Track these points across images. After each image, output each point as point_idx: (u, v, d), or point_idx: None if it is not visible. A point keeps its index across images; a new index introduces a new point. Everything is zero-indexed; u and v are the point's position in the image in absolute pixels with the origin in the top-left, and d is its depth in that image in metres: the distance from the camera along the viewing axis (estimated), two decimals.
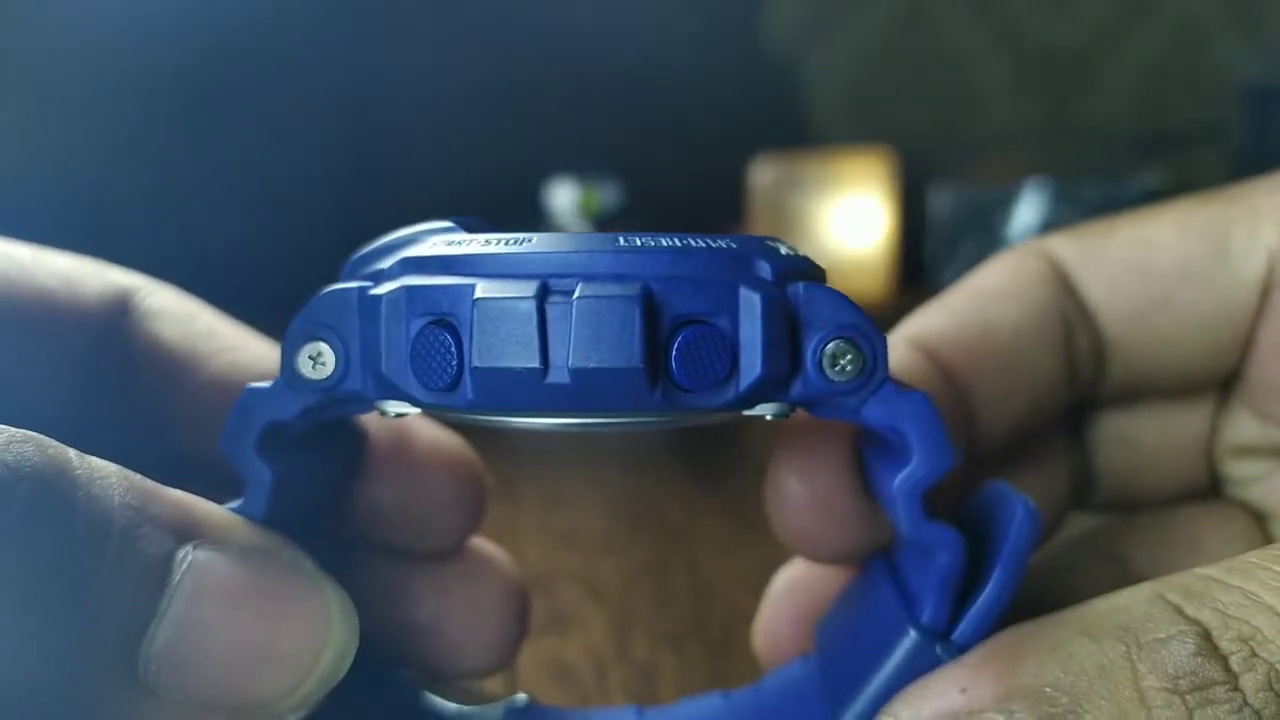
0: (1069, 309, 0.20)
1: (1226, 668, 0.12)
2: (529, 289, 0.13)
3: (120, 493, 0.13)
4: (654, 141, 1.01)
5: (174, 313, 0.20)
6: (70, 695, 0.13)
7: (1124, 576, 0.21)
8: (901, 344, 0.20)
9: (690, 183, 0.94)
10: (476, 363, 0.13)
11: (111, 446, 0.15)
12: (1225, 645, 0.13)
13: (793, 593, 0.21)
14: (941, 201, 0.92)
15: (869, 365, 0.14)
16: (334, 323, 0.15)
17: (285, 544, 0.15)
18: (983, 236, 0.89)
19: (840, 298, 0.14)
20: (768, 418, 0.15)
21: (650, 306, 0.13)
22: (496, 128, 1.00)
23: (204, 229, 0.87)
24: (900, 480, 0.15)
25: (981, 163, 1.02)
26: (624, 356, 0.13)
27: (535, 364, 0.13)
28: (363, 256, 0.15)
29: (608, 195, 0.89)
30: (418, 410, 0.15)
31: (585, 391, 0.13)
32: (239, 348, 0.20)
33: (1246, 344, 0.20)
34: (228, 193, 0.94)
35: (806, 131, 1.10)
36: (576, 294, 0.13)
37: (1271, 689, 0.12)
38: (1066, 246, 0.21)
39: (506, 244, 0.14)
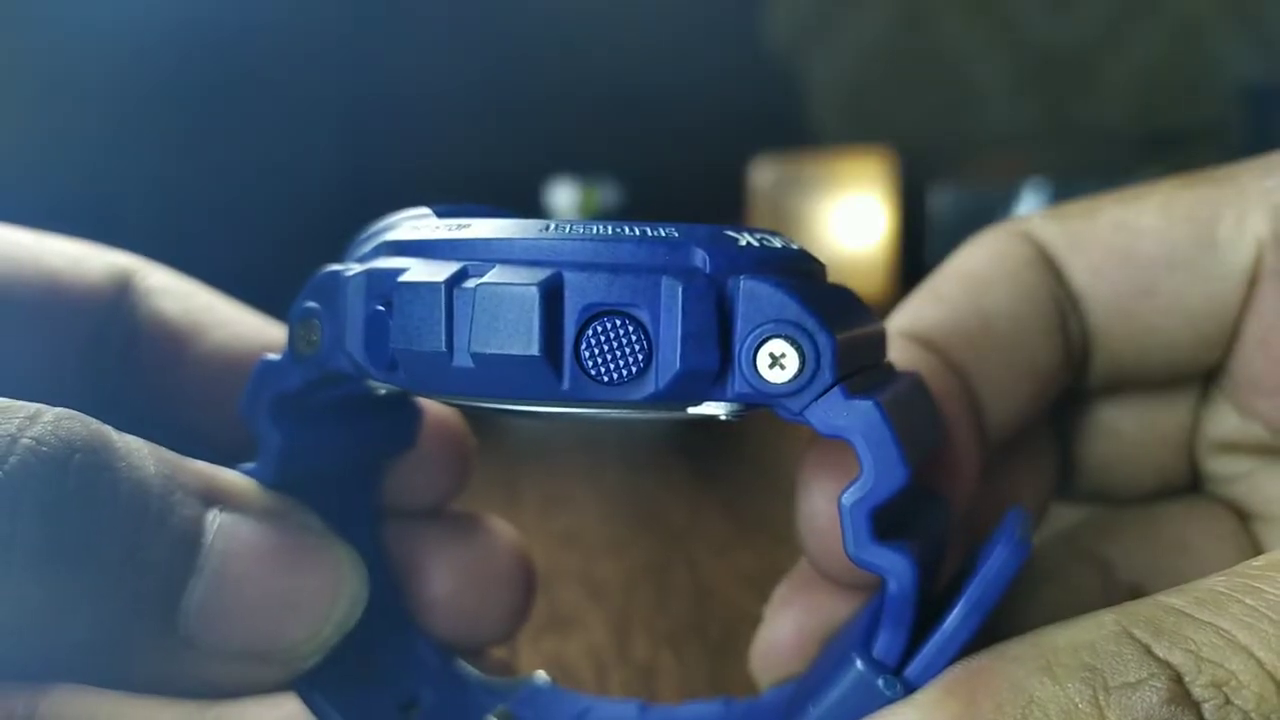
0: (1060, 294, 0.20)
1: (1200, 716, 0.12)
2: (444, 274, 0.13)
3: (154, 462, 0.14)
4: (654, 141, 1.01)
5: (174, 289, 0.20)
6: (119, 646, 0.14)
7: (1109, 581, 0.20)
8: (899, 338, 0.19)
9: (690, 183, 0.94)
10: (394, 344, 0.14)
11: (118, 421, 0.15)
12: (1198, 692, 0.12)
13: (793, 608, 0.20)
14: (941, 201, 0.92)
15: (809, 367, 0.13)
16: (321, 301, 0.15)
17: (295, 506, 0.16)
18: None
19: (786, 292, 0.13)
20: (721, 417, 0.14)
21: (553, 294, 0.13)
22: (496, 128, 1.00)
23: (203, 227, 0.87)
24: (846, 496, 0.13)
25: (981, 163, 1.02)
26: (521, 344, 0.13)
27: (441, 348, 0.13)
28: (357, 240, 0.16)
29: (608, 195, 0.89)
30: (398, 389, 0.15)
31: (489, 377, 0.13)
32: (237, 321, 0.21)
33: (1231, 337, 0.19)
34: (227, 191, 0.94)
35: (806, 131, 1.10)
36: (479, 282, 0.13)
37: None
38: (1049, 228, 0.20)
39: (450, 229, 0.14)
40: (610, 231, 0.13)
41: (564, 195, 0.89)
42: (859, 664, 0.14)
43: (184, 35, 0.92)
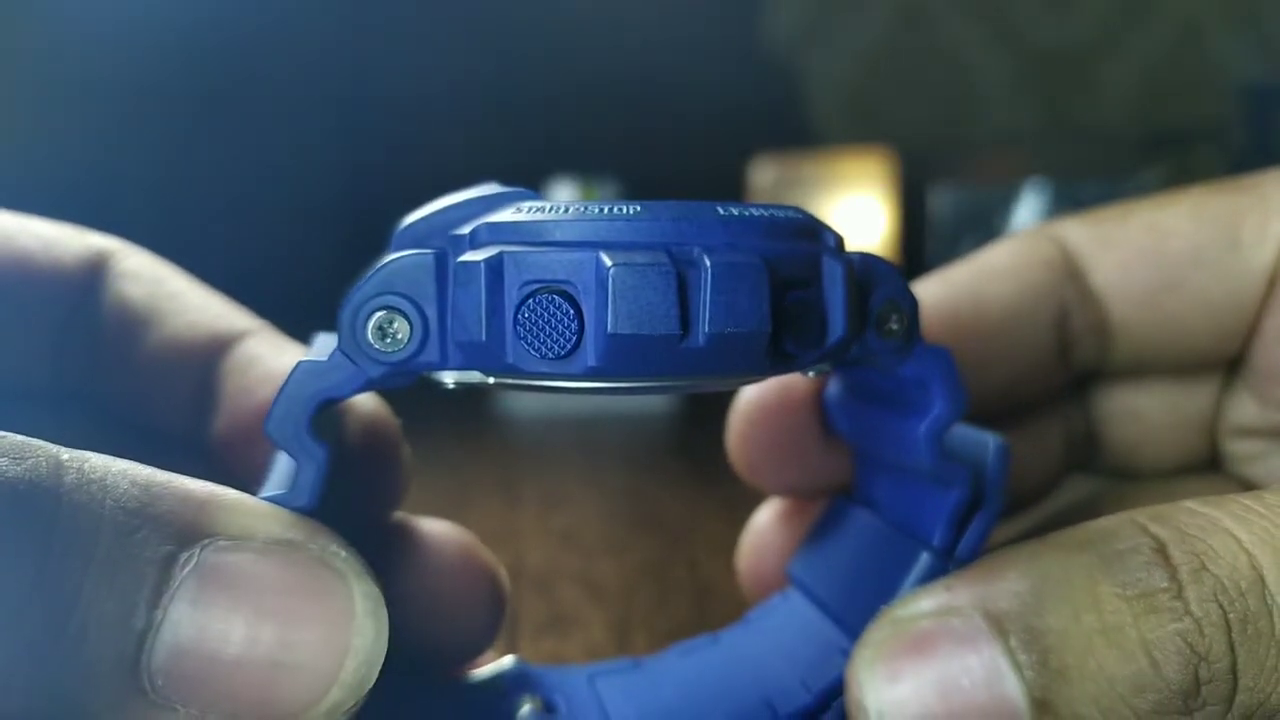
0: (1068, 293, 0.21)
1: (1174, 577, 0.14)
2: (661, 256, 0.13)
3: (116, 496, 0.12)
4: (654, 141, 1.01)
5: (144, 274, 0.20)
6: (76, 715, 0.12)
7: None
8: None
9: (690, 183, 0.94)
10: (612, 329, 0.13)
11: (86, 409, 0.14)
12: (1177, 557, 0.14)
13: (775, 528, 0.23)
14: (941, 201, 0.92)
15: (910, 325, 0.16)
16: (410, 291, 0.14)
17: (320, 532, 0.14)
18: (983, 236, 0.89)
19: (889, 265, 0.16)
20: (810, 375, 0.16)
21: (766, 270, 0.14)
22: (496, 128, 1.00)
23: (203, 227, 0.87)
24: (927, 424, 0.16)
25: (981, 163, 1.02)
26: (757, 321, 0.14)
27: (675, 330, 0.13)
28: (415, 224, 0.15)
29: (608, 195, 0.89)
30: (490, 380, 0.14)
31: (717, 356, 0.14)
32: (197, 309, 0.19)
33: (1251, 330, 0.21)
34: (227, 191, 0.94)
35: (806, 131, 1.10)
36: (709, 261, 0.13)
37: (1216, 600, 0.13)
38: (1080, 231, 0.22)
39: (603, 211, 0.14)
40: (763, 214, 0.15)
41: (564, 195, 0.89)
42: (925, 555, 0.17)
43: (184, 35, 0.92)
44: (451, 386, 0.15)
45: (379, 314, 0.14)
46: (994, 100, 1.15)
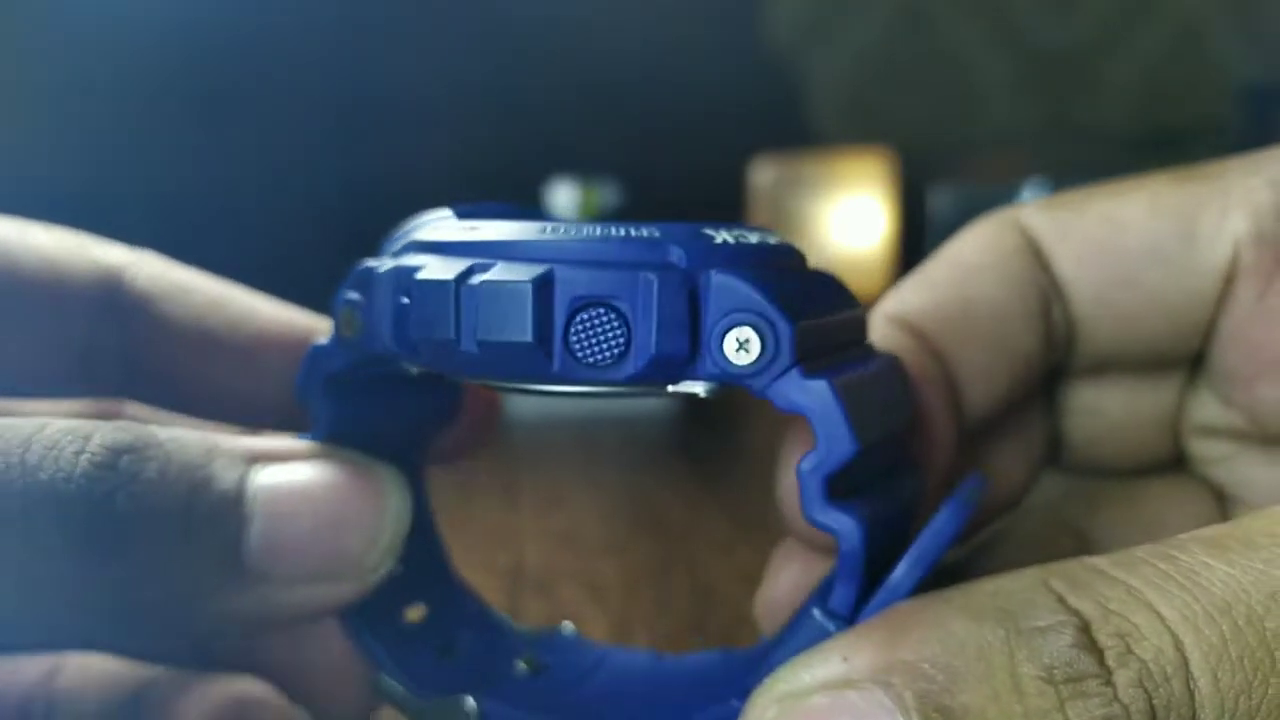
0: (1044, 282, 0.21)
1: (1102, 662, 0.13)
2: (453, 271, 0.15)
3: (195, 440, 0.17)
4: (654, 141, 1.01)
5: (171, 291, 0.21)
6: (199, 594, 0.16)
7: (1086, 553, 0.21)
8: (883, 321, 0.20)
9: (690, 183, 0.94)
10: (413, 333, 0.16)
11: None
12: (1102, 639, 0.13)
13: (788, 567, 0.21)
14: (941, 201, 0.92)
15: (769, 351, 0.15)
16: (361, 292, 0.17)
17: (336, 448, 0.18)
18: None
19: (751, 284, 0.15)
20: (700, 394, 0.15)
21: (544, 289, 0.15)
22: (496, 128, 1.00)
23: (203, 227, 0.87)
24: (803, 463, 0.15)
25: (981, 163, 1.02)
26: (517, 332, 0.15)
27: (451, 336, 0.15)
28: (392, 237, 0.18)
29: (608, 195, 0.89)
30: (424, 371, 0.17)
31: (491, 360, 0.15)
32: (250, 319, 0.22)
33: (1209, 329, 0.20)
34: (227, 192, 0.94)
35: (806, 131, 1.10)
36: (483, 278, 0.15)
37: (1142, 686, 0.13)
38: (1039, 218, 0.21)
39: (463, 231, 0.16)
40: (599, 233, 0.15)
41: (564, 195, 0.89)
42: (815, 613, 0.16)
43: (184, 36, 0.92)
44: (415, 372, 0.17)
45: (346, 308, 0.17)
46: (994, 100, 1.15)
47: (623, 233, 0.15)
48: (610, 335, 0.15)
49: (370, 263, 0.17)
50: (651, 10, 1.03)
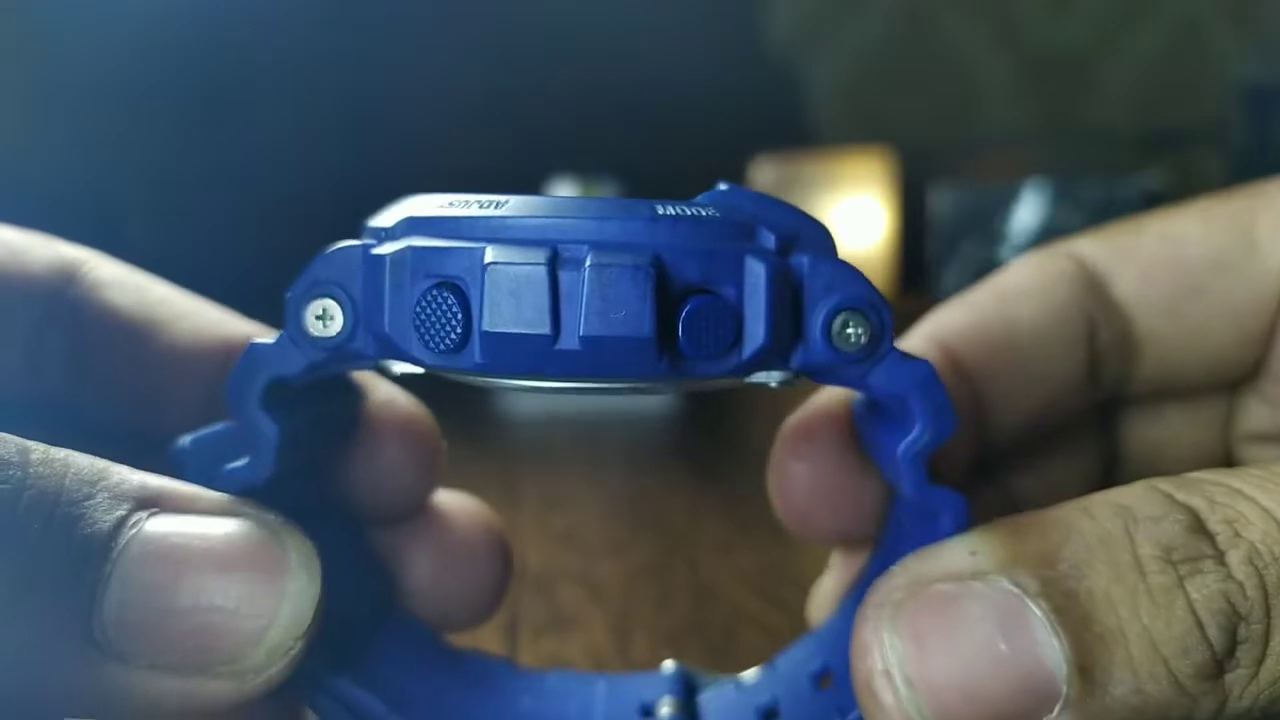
0: (1093, 308, 0.21)
1: (1214, 544, 0.14)
2: (540, 255, 0.13)
3: (77, 469, 0.14)
4: (654, 141, 1.01)
5: (125, 283, 0.20)
6: (40, 663, 0.13)
7: None
8: (918, 339, 0.20)
9: (690, 183, 0.94)
10: (487, 327, 0.13)
11: (64, 417, 0.15)
12: (1213, 525, 0.14)
13: (836, 568, 0.21)
14: (941, 201, 0.92)
15: (876, 335, 0.14)
16: (341, 280, 0.15)
17: (249, 504, 0.15)
18: (983, 236, 0.89)
19: (847, 268, 0.14)
20: (772, 385, 0.15)
21: (661, 276, 0.13)
22: (496, 127, 1.00)
23: (202, 226, 0.87)
24: (905, 446, 0.15)
25: (981, 163, 1.02)
26: (635, 326, 0.13)
27: (547, 330, 0.13)
28: (366, 225, 0.15)
29: (607, 195, 0.89)
30: (421, 370, 0.15)
31: (595, 358, 0.13)
32: (196, 314, 0.20)
33: (1272, 332, 0.21)
34: (227, 190, 0.94)
35: (806, 131, 1.10)
36: (589, 262, 0.13)
37: (1252, 564, 0.14)
38: (1095, 246, 0.21)
39: (511, 207, 0.14)
40: (687, 213, 0.14)
41: (564, 195, 0.89)
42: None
43: (185, 35, 0.92)
44: (398, 375, 0.15)
45: (315, 301, 0.15)
46: (994, 100, 1.15)
47: (704, 213, 0.14)
48: (721, 326, 0.14)
49: (348, 244, 0.15)
50: (652, 10, 1.03)
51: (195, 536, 0.14)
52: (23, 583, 0.13)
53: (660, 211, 0.14)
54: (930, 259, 0.94)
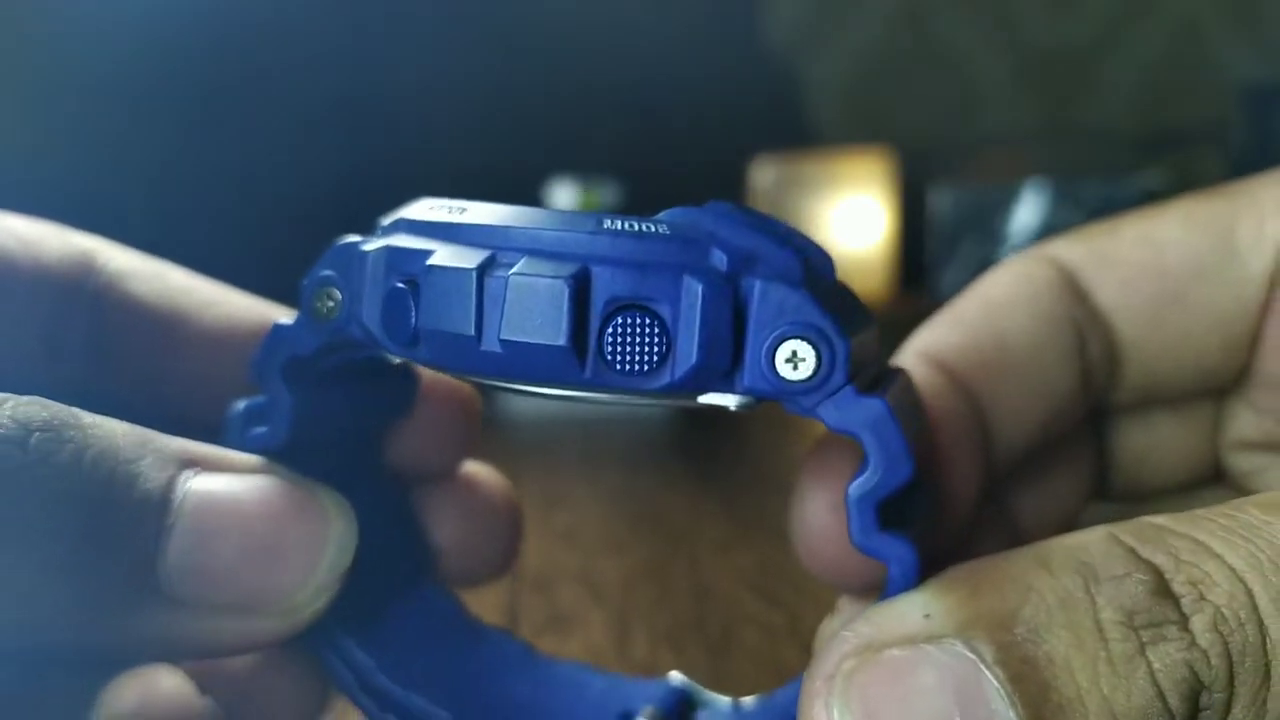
0: (1080, 315, 0.20)
1: (1178, 608, 0.13)
2: (474, 260, 0.14)
3: (124, 432, 0.15)
4: (654, 141, 1.01)
5: (143, 272, 0.20)
6: (105, 610, 0.14)
7: None
8: (914, 358, 0.20)
9: (690, 183, 0.94)
10: (421, 325, 0.14)
11: (84, 403, 0.15)
12: (1177, 587, 0.13)
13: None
14: (941, 201, 0.92)
15: (824, 368, 0.14)
16: (340, 271, 0.16)
17: (280, 467, 0.16)
18: (983, 236, 0.89)
19: (801, 297, 0.14)
20: (731, 408, 0.15)
21: (582, 288, 0.14)
22: (496, 127, 1.00)
23: (202, 226, 0.87)
24: (854, 487, 0.14)
25: (981, 163, 1.02)
26: (550, 334, 0.14)
27: (470, 332, 0.14)
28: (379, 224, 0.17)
29: (608, 195, 0.89)
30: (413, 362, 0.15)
31: (515, 362, 0.14)
32: (223, 302, 0.20)
33: (1254, 339, 0.20)
34: (226, 190, 0.94)
35: (806, 131, 1.11)
36: (514, 269, 0.14)
37: (1217, 630, 0.13)
38: (1073, 250, 0.21)
39: (469, 214, 0.15)
40: (638, 228, 0.14)
41: (564, 195, 0.89)
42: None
43: (185, 35, 0.92)
44: (397, 363, 0.16)
45: (321, 289, 0.16)
46: (994, 100, 1.15)
47: (660, 230, 0.14)
48: (648, 342, 0.14)
49: (351, 239, 0.16)
50: (652, 10, 1.03)
51: (244, 489, 0.15)
52: (91, 536, 0.14)
53: (607, 225, 0.14)
54: (930, 259, 0.94)
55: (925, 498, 0.18)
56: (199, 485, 0.15)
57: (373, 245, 0.15)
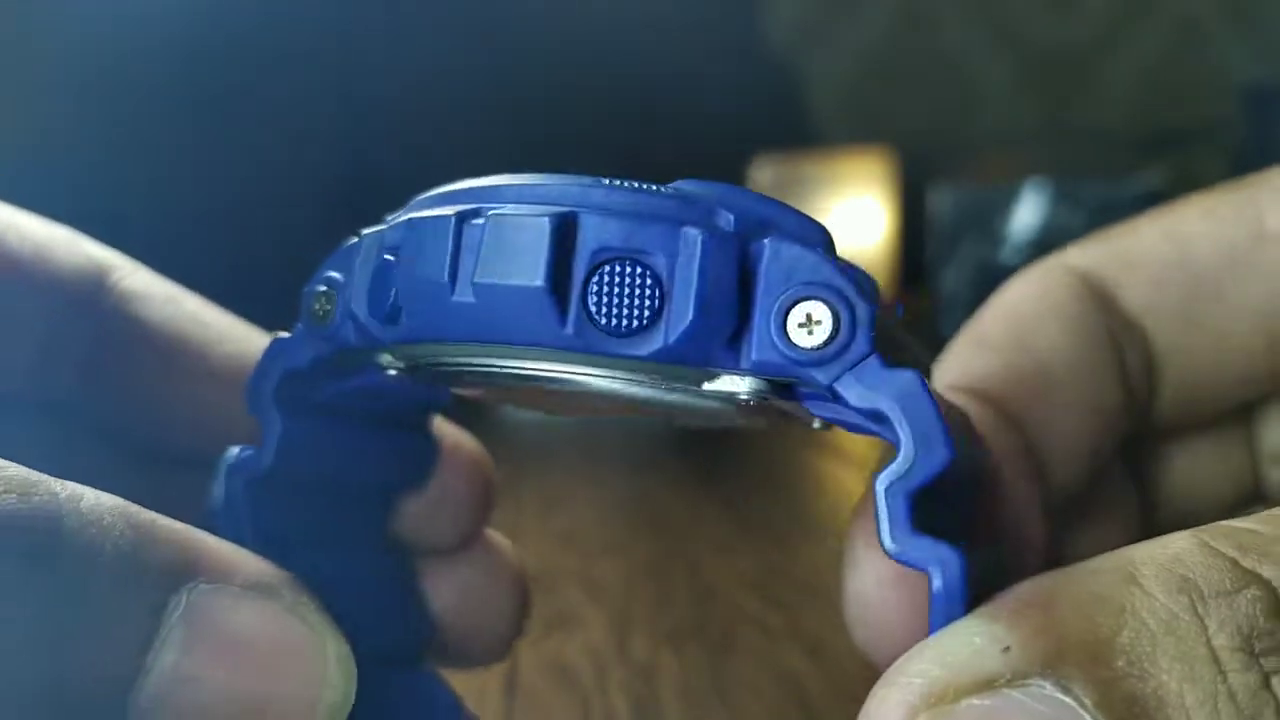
0: (1113, 325, 0.18)
1: None
2: (455, 208, 0.13)
3: (114, 540, 0.13)
4: (654, 142, 1.01)
5: (156, 295, 0.19)
6: None
7: None
8: (951, 394, 0.17)
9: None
10: (400, 285, 0.13)
11: (76, 421, 0.14)
12: None
13: None
14: (941, 201, 0.92)
15: (844, 331, 0.12)
16: (340, 269, 0.14)
17: (289, 582, 0.15)
18: (983, 236, 0.89)
19: (816, 256, 0.12)
20: (742, 395, 0.13)
21: (568, 229, 0.12)
22: (496, 127, 1.00)
23: (202, 225, 0.87)
24: (881, 477, 0.12)
25: (981, 163, 1.02)
26: (528, 275, 0.12)
27: (444, 279, 0.12)
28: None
29: None
30: (401, 364, 0.14)
31: (490, 316, 0.12)
32: (237, 339, 0.19)
33: None
34: (225, 189, 0.94)
35: (806, 131, 1.10)
36: (491, 212, 0.12)
37: None
38: (1091, 254, 0.19)
39: (468, 182, 0.14)
40: (639, 187, 0.13)
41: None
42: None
43: (184, 35, 0.92)
44: (391, 373, 0.15)
45: (320, 291, 0.15)
46: (994, 100, 1.15)
47: (665, 190, 0.13)
48: (639, 297, 0.12)
49: (354, 240, 0.15)
50: (652, 10, 1.03)
51: (238, 629, 0.14)
52: (58, 674, 0.12)
53: (606, 183, 0.13)
54: (930, 259, 0.93)
55: (997, 553, 0.15)
56: (190, 612, 0.13)
57: (370, 232, 0.14)
